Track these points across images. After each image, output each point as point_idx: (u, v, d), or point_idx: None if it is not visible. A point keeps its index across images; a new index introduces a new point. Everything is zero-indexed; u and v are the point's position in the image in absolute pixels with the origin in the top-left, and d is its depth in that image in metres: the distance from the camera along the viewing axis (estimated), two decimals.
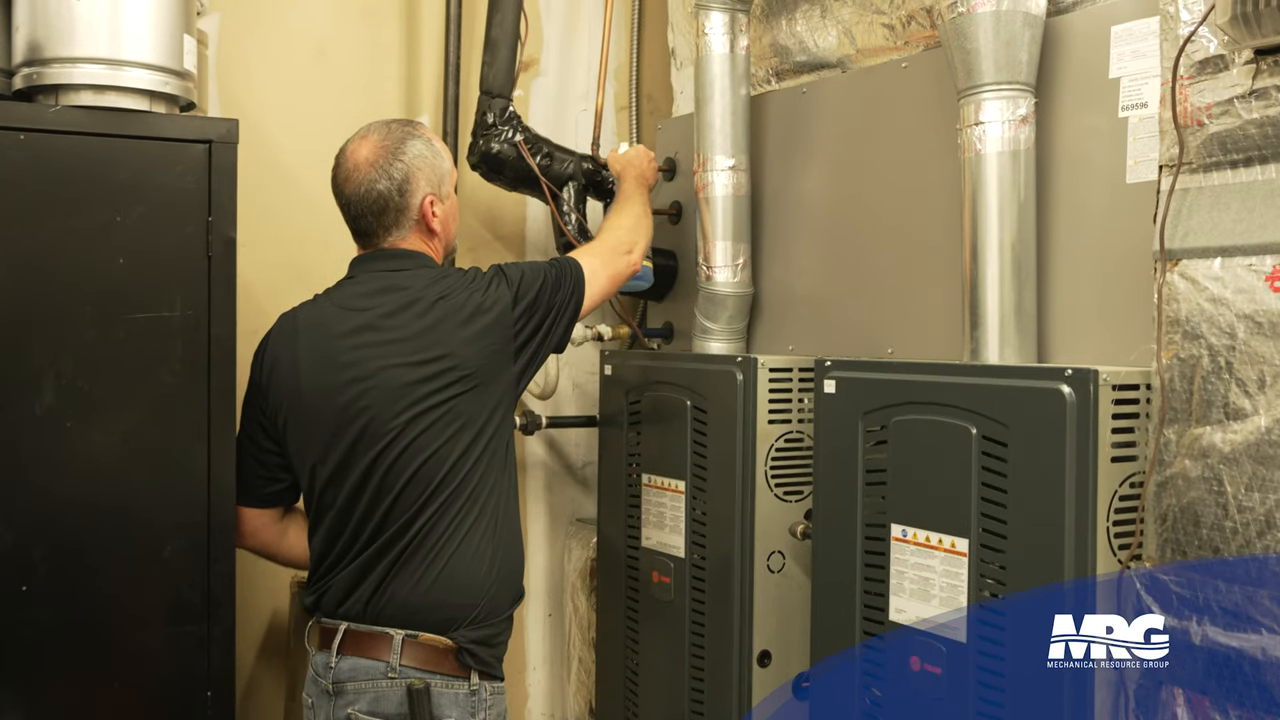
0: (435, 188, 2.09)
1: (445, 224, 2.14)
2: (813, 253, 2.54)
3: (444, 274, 2.08)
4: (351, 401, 2.00)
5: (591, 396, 3.12)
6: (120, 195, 1.99)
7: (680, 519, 2.49)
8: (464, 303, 2.03)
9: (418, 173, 2.07)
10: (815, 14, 2.52)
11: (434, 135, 2.13)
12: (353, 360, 2.02)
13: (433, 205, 2.09)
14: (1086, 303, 1.97)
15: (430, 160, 2.09)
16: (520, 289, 2.09)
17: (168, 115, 2.05)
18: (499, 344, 2.04)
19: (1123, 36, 1.91)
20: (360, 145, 2.08)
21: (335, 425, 2.01)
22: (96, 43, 1.97)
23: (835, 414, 2.11)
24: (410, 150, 2.07)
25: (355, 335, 2.03)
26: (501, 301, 2.05)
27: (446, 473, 1.99)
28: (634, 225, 2.42)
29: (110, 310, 1.98)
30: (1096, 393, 1.71)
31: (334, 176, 2.10)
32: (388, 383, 1.99)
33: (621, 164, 2.65)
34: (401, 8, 2.97)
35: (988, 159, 1.96)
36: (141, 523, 2.02)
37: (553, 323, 2.13)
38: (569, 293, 2.16)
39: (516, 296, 2.07)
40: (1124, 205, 1.90)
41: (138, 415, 2.00)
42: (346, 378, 2.01)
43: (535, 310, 2.09)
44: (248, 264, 2.19)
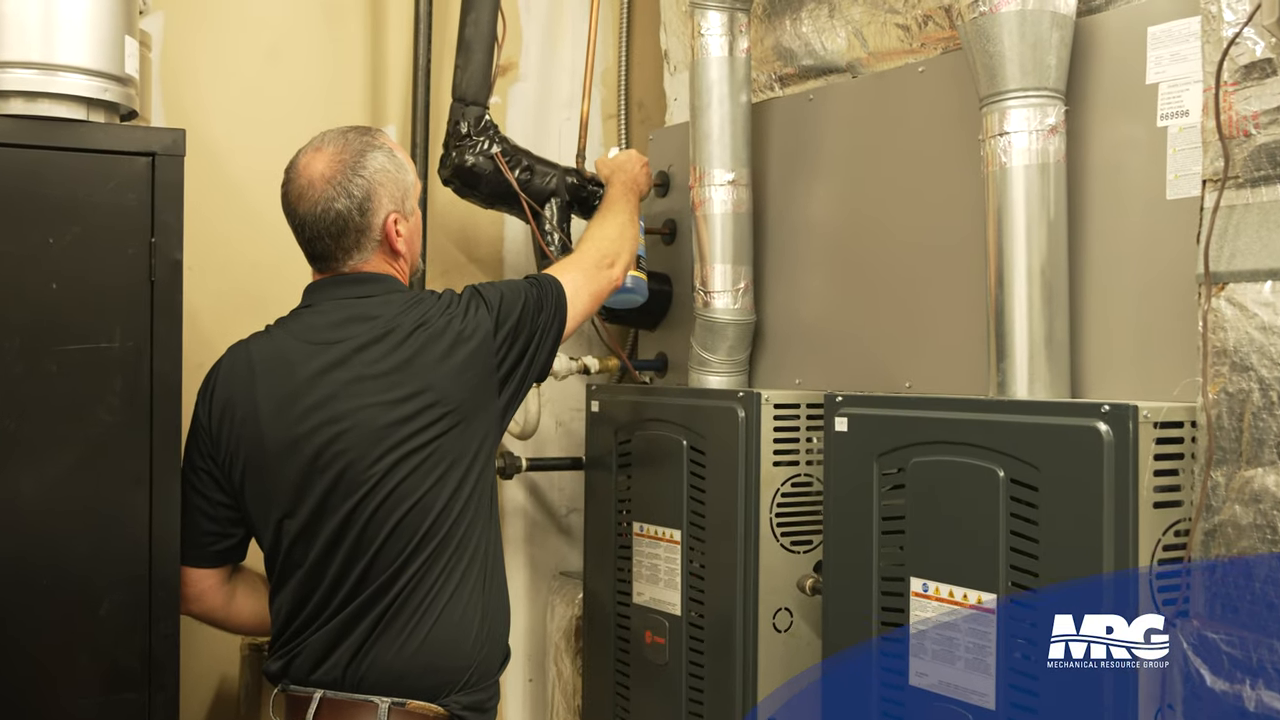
0: (399, 204, 2.10)
1: (410, 243, 2.14)
2: (821, 276, 2.55)
3: (417, 299, 2.08)
4: (324, 447, 2.00)
5: (576, 436, 3.12)
6: (53, 214, 1.99)
7: (676, 573, 2.49)
8: (443, 331, 2.04)
9: (380, 189, 2.07)
10: (823, 14, 2.55)
11: (395, 145, 2.14)
12: (322, 400, 2.01)
13: (396, 224, 2.09)
14: (1124, 331, 1.98)
15: (393, 174, 2.09)
16: (501, 313, 2.09)
17: (106, 125, 2.06)
18: (482, 375, 2.05)
19: (1160, 38, 1.93)
20: (314, 159, 2.07)
21: (305, 474, 2.01)
22: (28, 45, 1.97)
23: (847, 455, 2.12)
24: (371, 164, 2.07)
25: (324, 373, 2.02)
26: (482, 328, 2.06)
27: (433, 521, 1.99)
28: (618, 235, 2.43)
29: (41, 341, 1.98)
30: (1136, 431, 1.72)
31: (285, 194, 2.09)
32: (364, 424, 1.99)
33: (610, 168, 2.67)
34: (365, 6, 2.99)
35: (1014, 173, 1.97)
36: (75, 579, 2.00)
37: (536, 348, 2.13)
38: (551, 314, 2.17)
39: (498, 321, 2.08)
40: (1164, 223, 1.91)
41: (71, 459, 1.99)
42: (316, 421, 2.01)
43: (518, 335, 2.10)
44: (194, 290, 2.19)
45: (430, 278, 2.93)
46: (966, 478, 1.90)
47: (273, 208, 2.17)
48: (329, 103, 2.92)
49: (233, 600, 2.18)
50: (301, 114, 2.84)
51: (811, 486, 2.38)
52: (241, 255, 2.80)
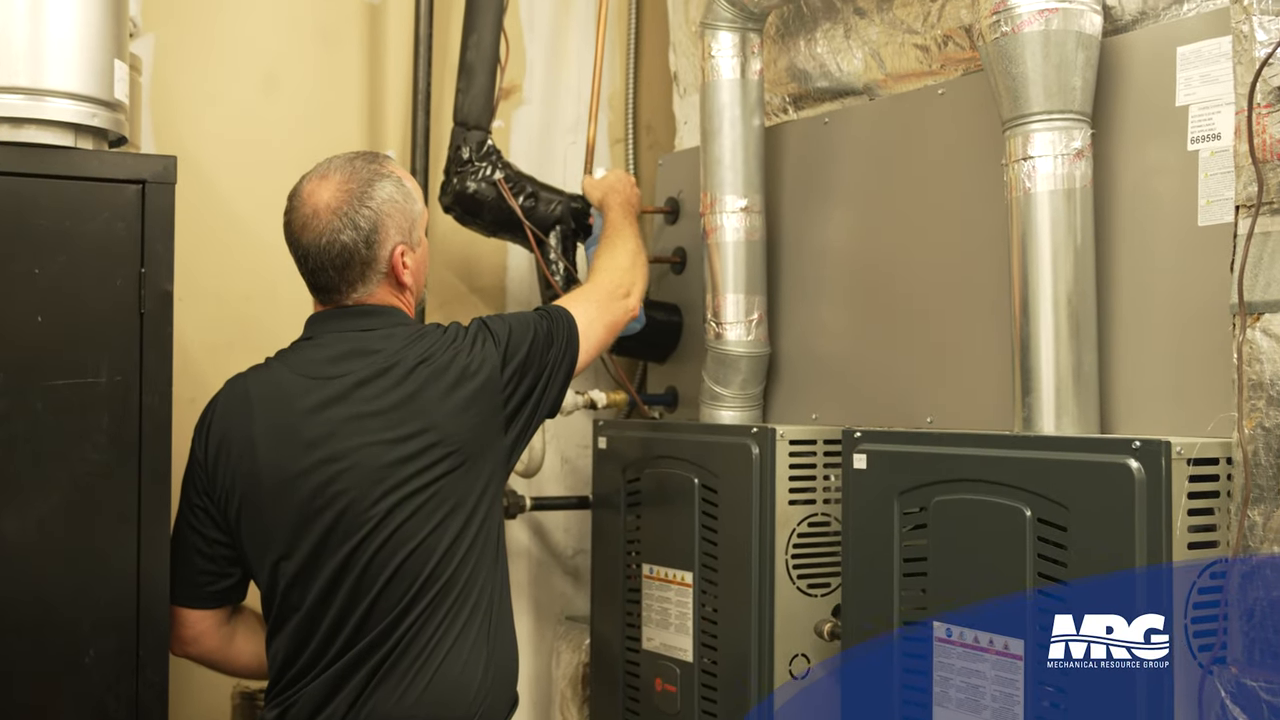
0: (406, 235, 2.09)
1: (416, 274, 2.14)
2: (838, 307, 2.55)
3: (421, 333, 2.08)
4: (322, 486, 2.00)
5: (583, 474, 3.12)
6: (40, 243, 2.00)
7: (687, 617, 2.48)
8: (447, 365, 2.04)
9: (387, 220, 2.06)
10: (838, 34, 2.56)
11: (403, 172, 2.14)
12: (321, 437, 2.01)
13: (404, 256, 2.09)
14: (1155, 364, 1.98)
15: (401, 204, 2.09)
16: (509, 347, 2.09)
17: (95, 152, 2.07)
18: (488, 413, 2.05)
19: (1190, 59, 1.93)
20: (320, 187, 2.06)
21: (303, 514, 2.00)
22: (14, 70, 1.98)
23: (867, 493, 2.11)
24: (379, 193, 2.06)
25: (323, 409, 2.02)
26: (489, 363, 2.06)
27: (435, 565, 1.98)
28: (630, 263, 2.44)
29: (26, 376, 1.98)
30: (1169, 468, 1.71)
31: (288, 222, 2.09)
32: (365, 463, 1.99)
33: (602, 190, 2.67)
34: (363, 28, 3.01)
35: (1038, 198, 1.97)
36: (59, 624, 2.00)
37: (546, 385, 2.13)
38: (562, 348, 2.17)
39: (505, 357, 2.08)
40: (1196, 251, 1.92)
41: (56, 498, 1.99)
42: (315, 459, 2.00)
43: (526, 371, 2.10)
44: (185, 321, 2.19)
45: (431, 309, 2.94)
46: (991, 517, 1.89)
47: (266, 236, 2.18)
48: (325, 128, 2.94)
49: (232, 642, 2.17)
50: (297, 140, 2.85)
51: (829, 526, 2.37)
52: (234, 286, 2.81)
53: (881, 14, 2.45)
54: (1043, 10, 1.95)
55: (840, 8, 2.54)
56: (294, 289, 2.16)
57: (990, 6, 2.00)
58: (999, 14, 1.98)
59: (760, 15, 2.56)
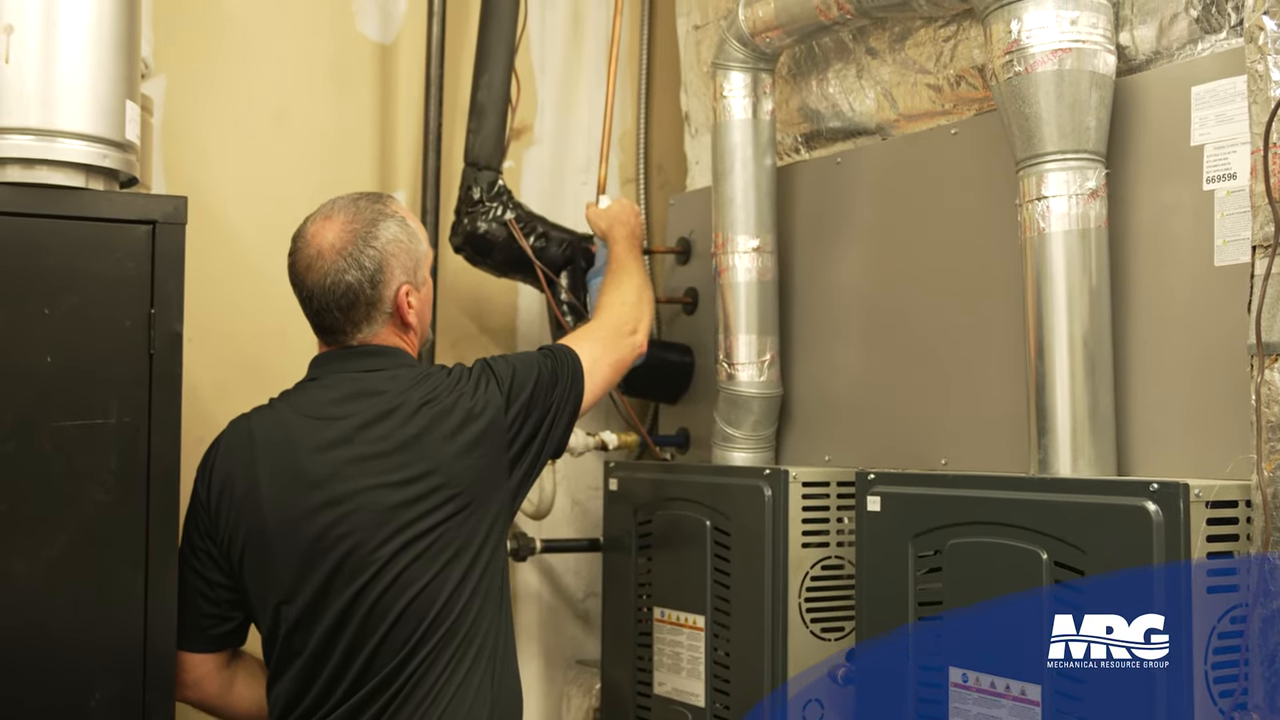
0: (411, 275, 2.11)
1: (421, 315, 2.15)
2: (851, 347, 2.55)
3: (426, 374, 2.09)
4: (327, 529, 1.99)
5: (594, 516, 3.11)
6: (49, 284, 2.00)
7: (699, 661, 2.47)
8: (451, 407, 2.04)
9: (392, 260, 2.07)
10: (850, 74, 2.57)
11: (407, 212, 2.15)
12: (325, 479, 2.01)
13: (408, 296, 2.10)
14: (1172, 405, 1.97)
15: (406, 244, 2.10)
16: (513, 388, 2.09)
17: (106, 193, 2.08)
18: (492, 456, 2.04)
19: (1205, 98, 1.94)
20: (324, 228, 2.08)
21: (307, 557, 2.00)
22: (26, 111, 2.00)
23: (881, 536, 2.10)
24: (384, 234, 2.07)
25: (327, 450, 2.02)
26: (493, 405, 2.06)
27: (440, 609, 1.98)
28: (636, 299, 2.44)
29: (34, 417, 1.98)
30: (1187, 510, 1.71)
31: (292, 263, 2.10)
32: (369, 506, 1.99)
33: (608, 221, 2.66)
34: (374, 69, 3.03)
35: (1053, 239, 1.97)
36: (65, 666, 1.99)
37: (550, 425, 2.13)
38: (567, 387, 2.17)
39: (509, 398, 2.08)
40: (1213, 291, 1.91)
41: (64, 539, 1.99)
42: (319, 500, 2.00)
43: (530, 412, 2.10)
44: (194, 362, 2.20)
45: (440, 349, 2.94)
46: (1008, 560, 1.88)
47: (276, 277, 2.18)
48: (336, 168, 2.95)
49: (231, 687, 2.16)
50: (308, 180, 2.86)
51: (843, 569, 2.36)
52: (244, 326, 2.82)
53: (894, 54, 2.46)
54: (1056, 50, 1.96)
55: (852, 48, 2.55)
56: (303, 329, 2.16)
57: (1003, 46, 2.00)
58: (1012, 54, 1.99)
59: (772, 55, 2.57)
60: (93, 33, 2.04)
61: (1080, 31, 1.96)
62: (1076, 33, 1.96)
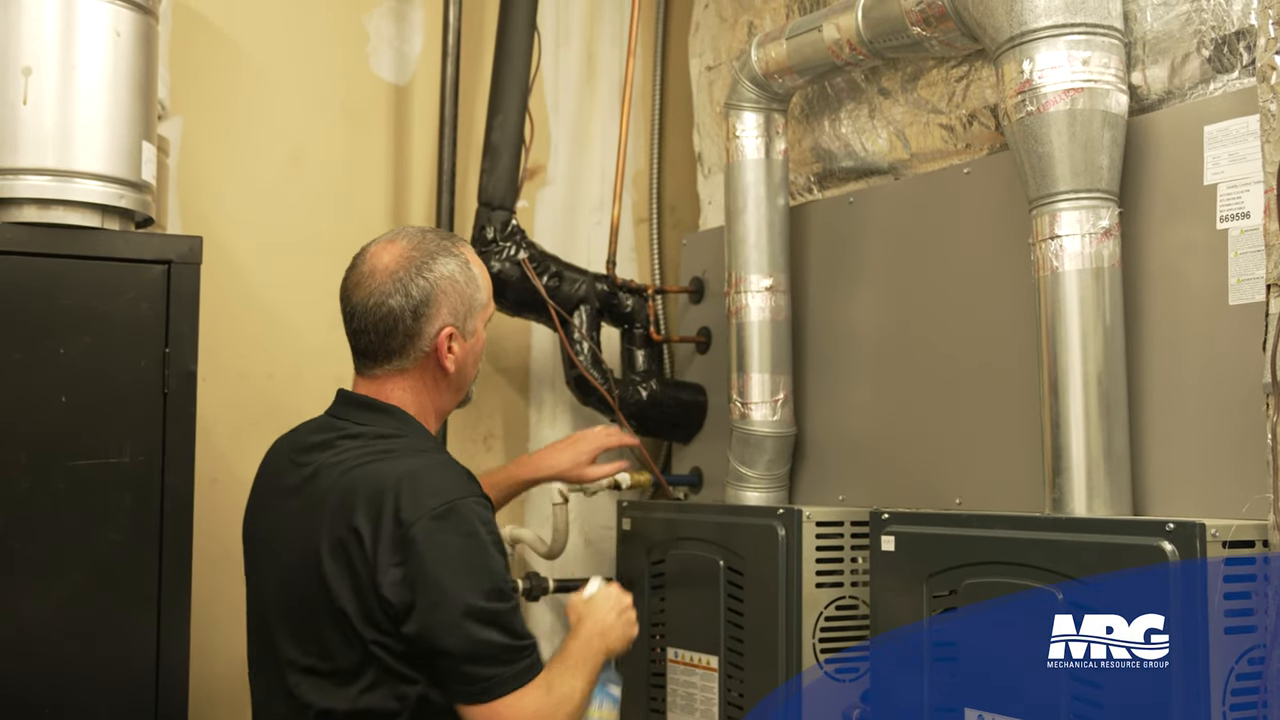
0: (459, 320, 2.01)
1: (462, 366, 2.04)
2: (865, 386, 2.55)
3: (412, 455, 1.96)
4: (265, 572, 1.95)
5: (607, 555, 3.10)
6: (65, 323, 2.02)
7: (713, 702, 2.46)
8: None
9: (442, 296, 1.98)
10: (863, 114, 2.58)
11: (475, 258, 2.06)
12: (275, 524, 1.95)
13: (451, 339, 1.99)
14: (1188, 444, 1.96)
15: (461, 286, 2.01)
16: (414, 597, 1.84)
17: (122, 233, 2.09)
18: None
19: (1218, 137, 1.94)
20: (385, 250, 2.00)
21: (255, 606, 1.96)
22: (43, 152, 2.02)
23: (895, 576, 2.09)
24: (440, 268, 1.99)
25: (288, 496, 1.95)
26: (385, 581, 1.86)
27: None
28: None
29: (48, 456, 1.99)
30: (1204, 550, 1.70)
31: (345, 279, 2.02)
32: (288, 564, 1.92)
33: (579, 613, 2.18)
34: (389, 110, 3.05)
35: (1066, 278, 1.97)
36: (77, 708, 2.00)
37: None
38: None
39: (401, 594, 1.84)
40: (1227, 330, 1.91)
41: (77, 578, 2.00)
42: (269, 545, 1.95)
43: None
44: (208, 401, 2.21)
45: None
46: (1022, 600, 1.87)
47: (290, 316, 2.19)
48: (351, 209, 2.97)
49: None
50: (323, 220, 2.88)
51: (857, 609, 2.35)
52: (257, 365, 2.82)
53: (906, 94, 2.46)
54: (1068, 90, 1.96)
55: (864, 88, 2.57)
56: (318, 369, 2.17)
57: (1015, 86, 2.01)
58: (1024, 93, 2.00)
59: (784, 96, 2.59)
60: (109, 74, 2.06)
61: (1092, 71, 1.97)
62: (1089, 72, 1.97)
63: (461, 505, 1.86)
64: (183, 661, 2.06)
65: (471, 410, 3.07)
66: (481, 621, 1.83)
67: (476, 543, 1.86)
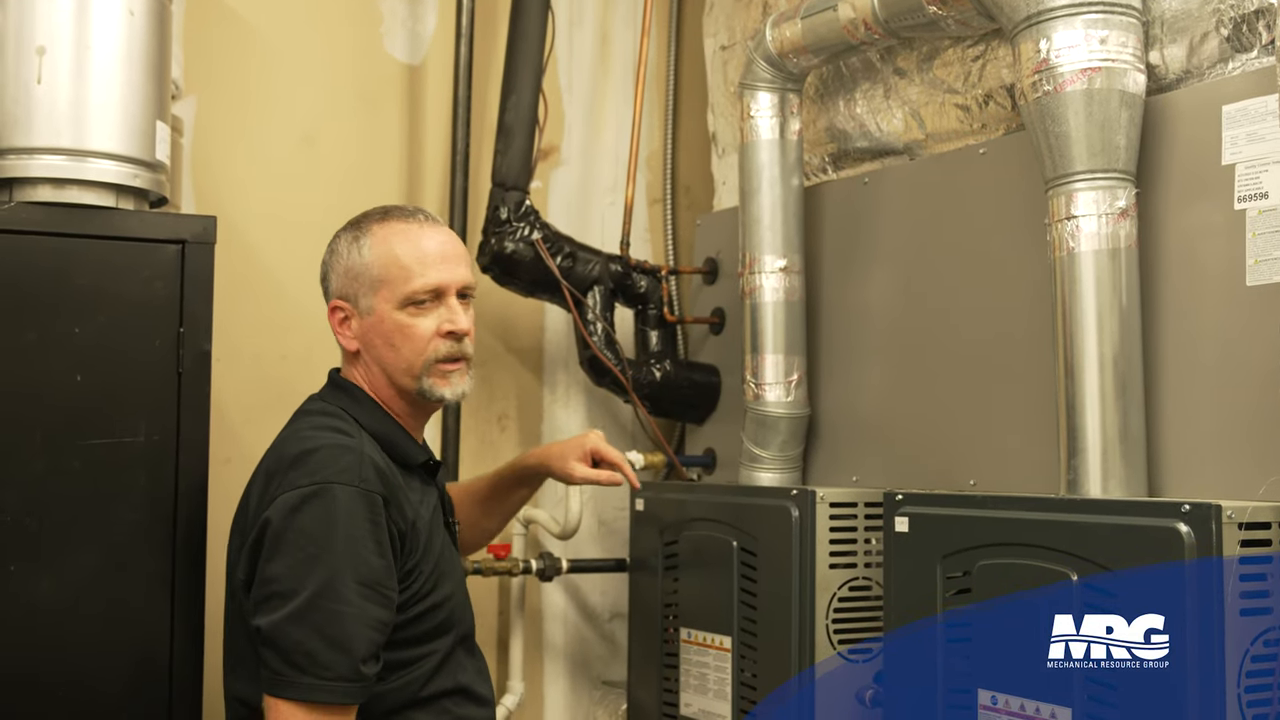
0: (350, 297, 2.00)
1: (368, 345, 2.00)
2: (879, 367, 2.54)
3: (284, 438, 1.97)
4: None
5: (620, 536, 3.11)
6: (80, 303, 2.02)
7: (726, 682, 2.46)
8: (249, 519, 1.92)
9: (330, 274, 2.03)
10: (878, 94, 2.57)
11: (392, 235, 2.00)
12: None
13: (335, 315, 2.02)
14: (1204, 425, 1.96)
15: (346, 262, 2.00)
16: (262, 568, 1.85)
17: (136, 212, 2.09)
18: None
19: (1236, 117, 1.93)
20: None
21: None
22: (58, 131, 2.02)
23: (909, 557, 2.09)
24: (334, 245, 2.04)
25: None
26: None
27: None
28: None
29: (63, 436, 2.00)
30: (1220, 532, 1.69)
31: None
32: None
33: None
34: (402, 90, 3.04)
35: (1082, 258, 1.96)
36: (90, 689, 2.00)
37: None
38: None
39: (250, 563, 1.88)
40: (1244, 311, 1.90)
41: (92, 557, 2.00)
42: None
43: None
44: (222, 381, 2.21)
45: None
46: (1037, 582, 1.87)
47: (304, 297, 2.19)
48: (363, 188, 2.96)
49: None
50: (336, 200, 2.85)
51: (870, 590, 2.35)
52: (271, 346, 2.83)
53: (921, 74, 2.45)
54: (1085, 69, 1.95)
55: (880, 68, 2.55)
56: (331, 350, 2.16)
57: (1032, 66, 2.00)
58: (1041, 73, 1.98)
59: (799, 76, 2.58)
60: (123, 54, 2.06)
61: (1110, 50, 1.96)
62: (1106, 52, 1.95)
63: (327, 491, 1.82)
64: (197, 640, 2.07)
65: (485, 391, 3.07)
66: (295, 612, 1.77)
67: (328, 530, 1.81)
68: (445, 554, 2.02)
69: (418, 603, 1.92)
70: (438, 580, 1.96)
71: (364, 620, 1.79)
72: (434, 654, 1.95)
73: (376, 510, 1.84)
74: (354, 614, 1.78)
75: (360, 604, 1.79)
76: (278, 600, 1.79)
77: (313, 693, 1.76)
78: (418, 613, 1.92)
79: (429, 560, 1.95)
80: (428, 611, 1.93)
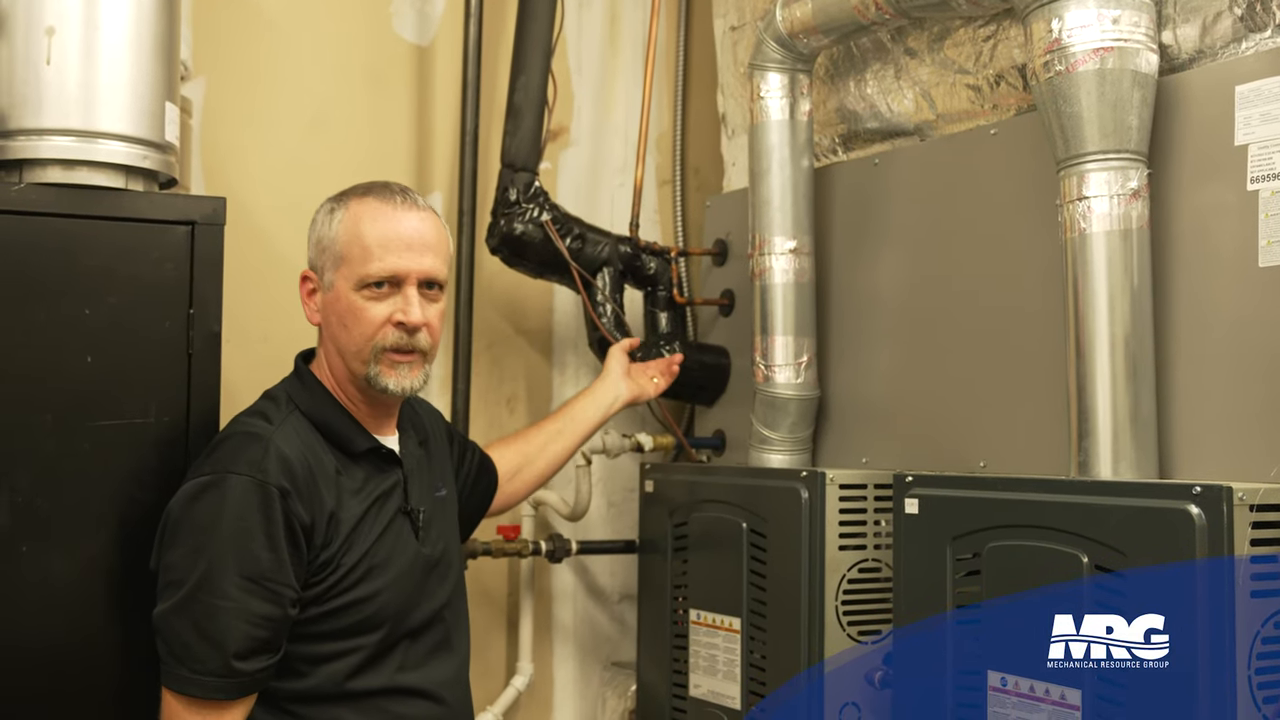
0: (318, 268, 2.02)
1: (325, 321, 2.02)
2: (889, 349, 2.54)
3: (230, 435, 1.96)
4: None
5: (630, 518, 3.11)
6: (90, 284, 2.02)
7: (735, 664, 2.46)
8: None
9: (309, 242, 2.05)
10: (889, 74, 2.56)
11: (365, 214, 1.99)
12: None
13: (304, 285, 2.05)
14: (1215, 407, 1.95)
15: (318, 230, 2.03)
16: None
17: (146, 194, 2.09)
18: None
19: (1249, 97, 1.92)
20: None
21: None
22: (67, 113, 2.02)
23: (918, 539, 2.09)
24: (314, 216, 2.06)
25: None
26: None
27: None
28: None
29: (74, 416, 2.00)
30: (1231, 514, 1.69)
31: None
32: None
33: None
34: (411, 71, 3.04)
35: (1094, 239, 1.96)
36: (105, 670, 2.01)
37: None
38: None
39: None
40: (1257, 292, 1.90)
41: (103, 538, 2.01)
42: None
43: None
44: (232, 362, 2.21)
45: (476, 350, 2.94)
46: (1047, 563, 1.86)
47: None
48: (373, 170, 2.93)
49: None
50: (345, 181, 2.82)
51: (880, 572, 2.35)
52: (280, 327, 2.82)
53: (932, 54, 2.44)
54: (1097, 49, 1.94)
55: (890, 48, 2.54)
56: None
57: (1044, 46, 1.99)
58: (1052, 53, 1.98)
59: (809, 56, 2.57)
60: (133, 35, 2.05)
61: (1122, 30, 1.95)
62: (1118, 31, 1.95)
63: (222, 482, 1.84)
64: None
65: (494, 372, 3.07)
66: (178, 603, 1.81)
67: (215, 522, 1.82)
68: (385, 546, 1.96)
69: (335, 597, 1.90)
70: (366, 574, 1.92)
71: (243, 615, 1.80)
72: (358, 650, 1.92)
73: (271, 503, 1.83)
74: (232, 609, 1.79)
75: (241, 598, 1.79)
76: (170, 590, 1.83)
77: (186, 685, 1.80)
78: (336, 607, 1.90)
79: (353, 553, 1.92)
80: (349, 606, 1.91)
